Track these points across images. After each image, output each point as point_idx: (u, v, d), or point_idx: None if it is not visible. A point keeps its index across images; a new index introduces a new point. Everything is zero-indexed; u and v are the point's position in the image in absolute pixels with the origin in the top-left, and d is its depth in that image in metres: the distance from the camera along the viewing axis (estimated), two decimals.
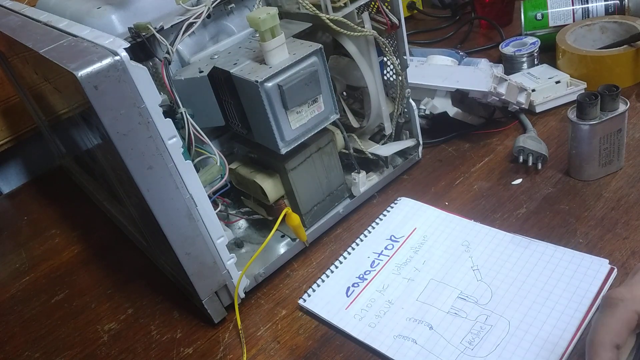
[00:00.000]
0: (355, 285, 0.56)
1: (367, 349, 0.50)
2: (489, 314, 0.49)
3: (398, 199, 0.65)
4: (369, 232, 0.62)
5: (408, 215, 0.62)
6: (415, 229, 0.61)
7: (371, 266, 0.58)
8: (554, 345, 0.45)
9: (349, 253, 0.60)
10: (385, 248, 0.60)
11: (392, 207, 0.64)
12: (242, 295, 0.57)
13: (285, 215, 0.58)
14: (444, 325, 0.50)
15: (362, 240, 0.61)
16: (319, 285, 0.57)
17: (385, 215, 0.64)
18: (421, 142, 0.70)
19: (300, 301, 0.56)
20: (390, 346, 0.49)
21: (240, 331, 0.55)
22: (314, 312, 0.55)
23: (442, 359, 0.47)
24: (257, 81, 0.50)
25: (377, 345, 0.50)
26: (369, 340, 0.50)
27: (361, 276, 0.57)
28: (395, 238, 0.60)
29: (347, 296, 0.55)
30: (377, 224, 0.63)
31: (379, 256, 0.59)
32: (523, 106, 0.70)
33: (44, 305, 0.67)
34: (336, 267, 0.59)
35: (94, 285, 0.67)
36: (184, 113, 0.50)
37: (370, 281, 0.56)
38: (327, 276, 0.58)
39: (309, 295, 0.56)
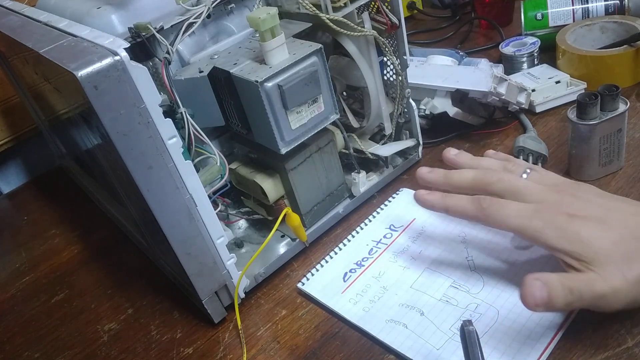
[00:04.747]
0: (353, 271, 0.58)
1: (362, 333, 0.51)
2: (479, 302, 0.50)
3: (400, 189, 0.66)
4: (370, 220, 0.63)
5: (408, 206, 0.64)
6: (414, 219, 0.61)
7: (369, 253, 0.59)
8: (540, 335, 0.46)
9: (349, 240, 0.62)
10: (384, 237, 0.61)
11: (393, 198, 0.66)
12: (242, 295, 0.57)
13: (285, 215, 0.58)
14: (435, 312, 0.51)
15: (362, 229, 0.63)
16: (317, 270, 0.59)
17: (386, 205, 0.65)
18: (421, 142, 0.70)
19: (299, 284, 0.58)
20: (382, 329, 0.50)
21: (240, 331, 0.55)
22: (312, 295, 0.56)
23: (431, 343, 0.48)
24: (257, 81, 0.50)
25: (369, 328, 0.51)
26: (361, 323, 0.52)
27: (359, 262, 0.58)
28: (395, 227, 0.61)
29: (344, 281, 0.57)
30: (378, 213, 0.64)
31: (377, 244, 0.60)
32: (523, 106, 0.70)
33: (44, 305, 0.67)
34: (335, 253, 0.60)
35: (94, 285, 0.67)
36: (184, 113, 0.50)
37: (367, 268, 0.58)
38: (326, 262, 0.60)
39: (308, 279, 0.58)
